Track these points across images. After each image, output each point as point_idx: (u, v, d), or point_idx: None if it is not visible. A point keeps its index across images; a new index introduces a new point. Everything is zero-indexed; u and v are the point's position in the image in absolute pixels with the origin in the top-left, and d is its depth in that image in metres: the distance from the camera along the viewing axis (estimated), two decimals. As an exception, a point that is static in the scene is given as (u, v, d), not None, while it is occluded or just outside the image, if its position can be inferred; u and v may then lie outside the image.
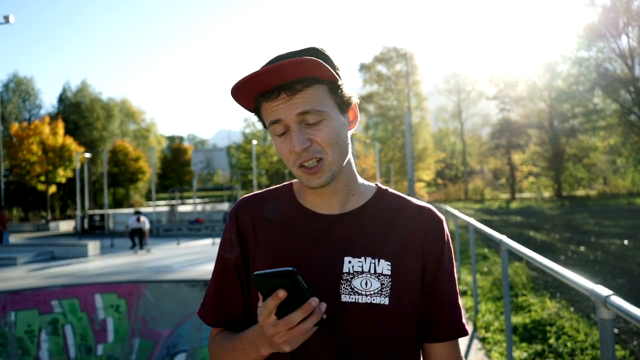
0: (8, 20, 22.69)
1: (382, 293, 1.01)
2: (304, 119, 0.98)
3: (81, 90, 49.59)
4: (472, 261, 6.31)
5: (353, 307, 1.00)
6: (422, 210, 1.10)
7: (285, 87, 0.97)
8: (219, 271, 1.13)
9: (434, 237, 1.08)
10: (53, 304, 6.42)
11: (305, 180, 1.01)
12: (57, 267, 11.68)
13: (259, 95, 1.00)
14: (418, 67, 53.33)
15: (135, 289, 6.71)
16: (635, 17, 36.50)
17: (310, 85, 0.98)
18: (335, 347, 1.00)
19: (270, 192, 1.17)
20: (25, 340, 6.08)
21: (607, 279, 7.87)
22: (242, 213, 1.12)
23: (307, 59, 0.93)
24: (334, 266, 1.03)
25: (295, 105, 0.97)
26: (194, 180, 26.14)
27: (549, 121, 45.69)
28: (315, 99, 0.98)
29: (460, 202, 50.11)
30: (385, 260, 1.03)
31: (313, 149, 0.99)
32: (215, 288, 1.13)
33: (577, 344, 4.58)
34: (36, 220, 40.59)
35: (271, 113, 0.99)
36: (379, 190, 1.14)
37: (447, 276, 1.09)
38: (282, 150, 1.02)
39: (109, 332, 6.45)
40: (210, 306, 1.13)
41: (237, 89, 0.98)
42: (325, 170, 1.00)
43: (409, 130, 26.45)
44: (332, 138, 0.99)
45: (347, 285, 1.01)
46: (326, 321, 0.89)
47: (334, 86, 1.02)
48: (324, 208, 1.08)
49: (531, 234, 15.56)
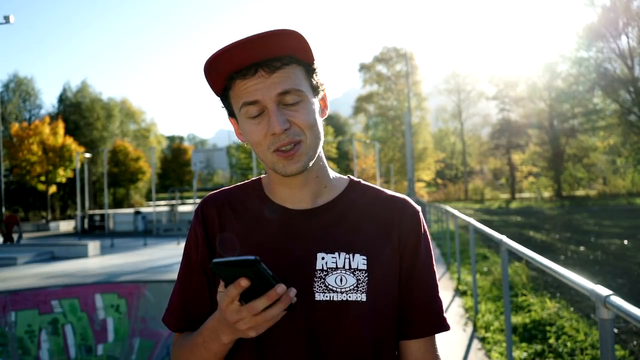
0: (8, 20, 22.70)
1: (359, 289, 0.96)
2: (283, 98, 0.93)
3: (81, 90, 49.61)
4: (472, 261, 6.31)
5: (328, 306, 0.95)
6: (397, 202, 1.05)
7: (263, 64, 0.91)
8: (184, 273, 1.06)
9: (410, 229, 1.03)
10: (53, 304, 6.42)
11: (281, 166, 0.95)
12: (57, 267, 11.68)
13: (234, 73, 0.93)
14: (418, 67, 53.35)
15: (135, 289, 6.71)
16: (635, 17, 36.50)
17: (288, 63, 0.93)
18: (310, 347, 0.95)
19: (238, 187, 1.11)
20: (25, 340, 6.08)
21: (607, 279, 7.87)
22: (208, 210, 1.06)
23: (288, 31, 0.89)
24: (307, 263, 0.97)
25: (275, 84, 0.92)
26: (194, 180, 26.11)
27: (549, 121, 45.70)
28: (294, 78, 0.94)
29: (460, 202, 50.13)
30: (360, 255, 0.98)
31: (292, 131, 0.93)
32: (180, 291, 1.06)
33: (577, 344, 4.58)
34: (36, 220, 40.59)
35: (247, 93, 0.93)
36: (351, 182, 1.09)
37: (425, 269, 1.03)
38: (255, 134, 0.94)
39: (109, 332, 6.45)
40: (174, 311, 1.06)
41: (211, 63, 0.91)
42: (302, 154, 0.94)
43: (409, 130, 26.45)
44: (310, 120, 0.95)
45: (321, 283, 0.96)
46: (296, 306, 0.83)
47: (310, 69, 0.98)
48: (295, 202, 1.02)
49: (531, 234, 15.56)
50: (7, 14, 22.19)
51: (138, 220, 24.51)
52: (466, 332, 5.34)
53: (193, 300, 1.05)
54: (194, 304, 1.05)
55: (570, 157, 45.45)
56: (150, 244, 17.17)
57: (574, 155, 45.26)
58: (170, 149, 65.89)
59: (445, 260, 10.38)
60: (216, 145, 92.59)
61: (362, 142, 47.71)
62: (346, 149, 53.86)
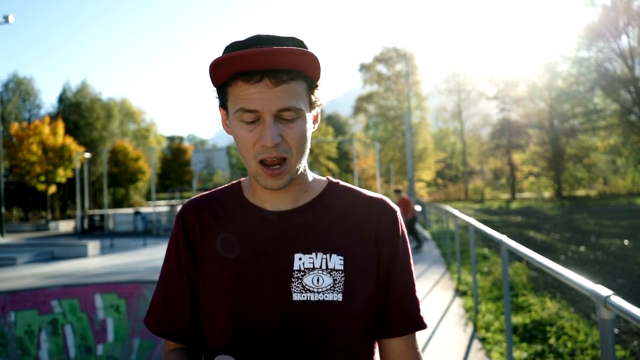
0: (8, 20, 22.69)
1: (335, 289, 0.97)
2: (281, 114, 0.93)
3: (81, 90, 49.60)
4: (472, 261, 6.30)
5: (305, 306, 0.96)
6: (375, 202, 1.06)
7: (270, 73, 0.91)
8: (165, 277, 1.08)
9: (387, 229, 1.04)
10: (53, 304, 6.40)
11: (263, 179, 0.96)
12: (56, 267, 11.67)
13: (239, 74, 0.93)
14: (418, 67, 53.33)
15: (135, 289, 6.69)
16: (635, 17, 36.51)
17: (295, 78, 0.93)
18: (289, 347, 0.96)
19: (219, 191, 1.12)
20: (25, 341, 6.07)
21: (608, 279, 7.87)
22: (188, 215, 1.08)
23: (304, 52, 0.90)
24: (284, 264, 0.98)
25: (277, 99, 0.92)
26: (194, 180, 26.10)
27: (549, 121, 45.70)
28: (297, 95, 0.94)
29: (461, 202, 50.12)
30: (337, 255, 0.99)
31: (281, 147, 0.94)
32: (162, 295, 1.08)
33: (577, 344, 4.58)
34: (36, 220, 40.59)
35: (247, 100, 0.92)
36: (330, 183, 1.10)
37: (402, 268, 1.04)
38: (245, 140, 0.95)
39: (109, 332, 6.44)
40: (156, 314, 1.08)
41: (219, 63, 0.91)
42: (285, 173, 0.96)
43: (409, 130, 26.45)
44: (301, 139, 0.96)
45: (298, 283, 0.97)
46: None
47: (313, 85, 0.98)
48: (274, 205, 1.04)
49: (531, 234, 15.55)
50: (7, 14, 22.17)
51: (138, 220, 24.51)
52: (466, 332, 5.33)
53: (174, 305, 1.07)
54: (175, 309, 1.07)
55: (570, 157, 45.45)
56: (150, 244, 17.17)
57: (574, 155, 45.25)
58: (170, 149, 65.84)
59: (445, 260, 10.38)
60: (216, 145, 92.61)
61: (362, 142, 47.74)
62: (346, 149, 53.92)
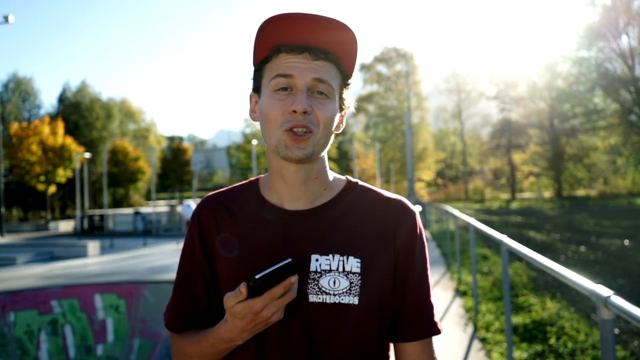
0: (8, 20, 22.69)
1: (351, 292, 0.96)
2: (315, 85, 0.96)
3: (81, 90, 49.58)
4: (472, 261, 6.30)
5: (320, 308, 0.96)
6: (394, 203, 1.05)
7: (311, 49, 0.96)
8: (181, 275, 1.08)
9: (406, 231, 1.02)
10: (53, 304, 6.41)
11: (287, 146, 0.95)
12: (56, 267, 11.67)
13: (282, 46, 0.97)
14: (418, 67, 53.33)
15: (135, 289, 6.70)
16: (635, 17, 36.51)
17: (330, 61, 0.98)
18: (308, 347, 0.96)
19: (235, 188, 1.11)
20: (24, 341, 6.07)
21: (608, 279, 7.86)
22: (204, 212, 1.07)
23: (344, 26, 0.95)
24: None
25: (314, 69, 0.96)
26: (194, 180, 26.10)
27: (549, 121, 45.70)
28: (331, 75, 0.98)
29: (461, 202, 50.12)
30: (354, 258, 0.98)
31: (310, 117, 0.95)
32: (178, 293, 1.08)
33: (578, 344, 4.57)
34: (36, 220, 40.62)
35: (285, 66, 0.96)
36: (349, 183, 1.08)
37: (419, 272, 1.03)
38: (275, 109, 0.96)
39: (109, 333, 6.44)
40: (173, 312, 1.08)
41: (268, 23, 0.95)
42: (310, 143, 0.95)
43: (409, 130, 26.46)
44: (328, 118, 0.97)
45: (314, 285, 0.97)
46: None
47: (346, 81, 1.02)
48: (292, 203, 1.02)
49: (531, 234, 15.55)
50: (6, 14, 22.15)
51: (138, 220, 24.50)
52: (466, 332, 5.33)
53: (190, 303, 1.07)
54: (192, 307, 1.07)
55: (570, 157, 45.45)
56: (150, 244, 17.17)
57: (574, 155, 45.25)
58: (170, 149, 65.84)
59: (445, 260, 10.37)
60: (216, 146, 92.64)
61: (362, 142, 47.74)
62: (346, 149, 53.89)
